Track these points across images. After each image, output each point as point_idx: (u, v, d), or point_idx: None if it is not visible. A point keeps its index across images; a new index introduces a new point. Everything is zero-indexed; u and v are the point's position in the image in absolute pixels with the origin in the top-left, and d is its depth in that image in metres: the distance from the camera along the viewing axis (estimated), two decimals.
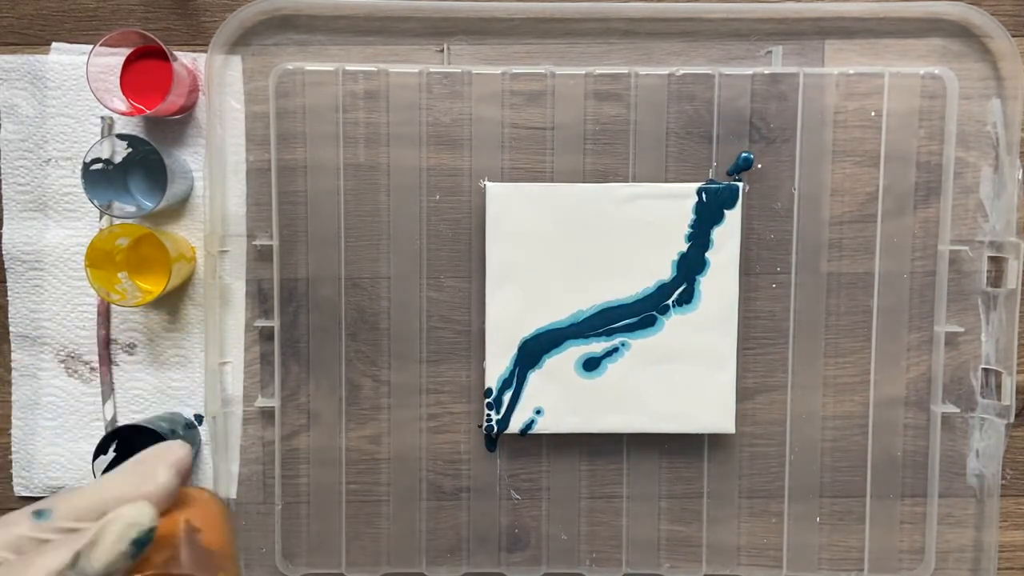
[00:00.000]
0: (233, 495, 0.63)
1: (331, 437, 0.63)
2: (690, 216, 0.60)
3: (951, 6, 0.62)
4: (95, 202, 0.59)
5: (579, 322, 0.61)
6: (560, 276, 0.61)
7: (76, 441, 0.64)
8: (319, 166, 0.62)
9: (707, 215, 0.60)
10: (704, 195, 0.60)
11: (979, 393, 0.64)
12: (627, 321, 0.61)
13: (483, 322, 0.61)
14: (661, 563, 0.64)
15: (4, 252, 0.63)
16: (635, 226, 0.60)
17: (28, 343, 0.64)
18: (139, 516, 0.31)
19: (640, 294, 0.61)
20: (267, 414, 0.64)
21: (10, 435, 0.64)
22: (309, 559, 0.64)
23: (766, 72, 0.62)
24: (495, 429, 0.62)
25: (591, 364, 0.61)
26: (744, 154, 0.62)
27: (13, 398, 0.64)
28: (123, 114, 0.61)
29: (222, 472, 0.63)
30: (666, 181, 0.62)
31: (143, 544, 0.31)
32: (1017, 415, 0.63)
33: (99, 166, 0.60)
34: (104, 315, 0.64)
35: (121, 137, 0.60)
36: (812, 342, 0.63)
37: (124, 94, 0.62)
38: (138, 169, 0.63)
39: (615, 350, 0.61)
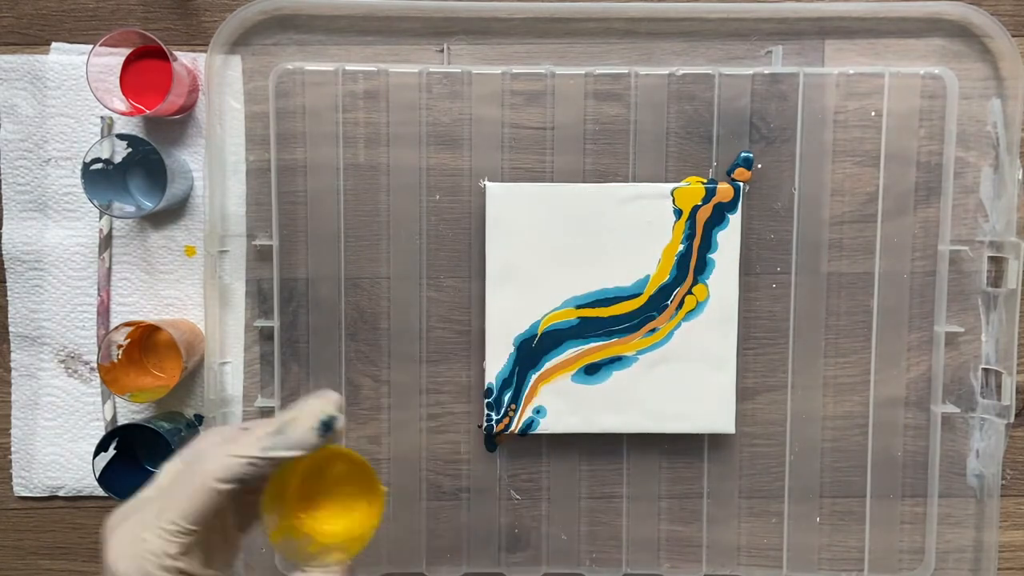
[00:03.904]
0: None
1: None
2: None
3: (951, 6, 0.62)
4: (95, 202, 0.59)
5: (580, 323, 0.61)
6: (560, 276, 0.61)
7: (76, 441, 0.64)
8: (319, 166, 0.62)
9: (708, 217, 0.60)
10: (705, 195, 0.60)
11: (979, 393, 0.64)
12: (627, 323, 0.61)
13: (483, 322, 0.61)
14: (661, 563, 0.64)
15: (4, 252, 0.63)
16: (635, 226, 0.60)
17: (28, 343, 0.64)
18: (325, 405, 0.42)
19: (640, 293, 0.61)
20: (267, 414, 0.63)
21: (10, 435, 0.64)
22: None
23: (766, 72, 0.62)
24: (495, 429, 0.62)
25: (592, 368, 0.61)
26: (744, 154, 0.62)
27: (13, 398, 0.64)
28: (123, 114, 0.61)
29: None
30: (666, 181, 0.62)
31: (329, 427, 0.41)
32: (1017, 415, 0.63)
33: (99, 166, 0.60)
34: (104, 315, 0.64)
35: (121, 137, 0.60)
36: (812, 342, 0.63)
37: (124, 94, 0.62)
38: (138, 169, 0.63)
39: (619, 357, 0.61)
